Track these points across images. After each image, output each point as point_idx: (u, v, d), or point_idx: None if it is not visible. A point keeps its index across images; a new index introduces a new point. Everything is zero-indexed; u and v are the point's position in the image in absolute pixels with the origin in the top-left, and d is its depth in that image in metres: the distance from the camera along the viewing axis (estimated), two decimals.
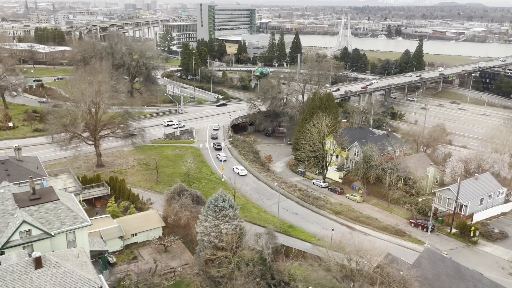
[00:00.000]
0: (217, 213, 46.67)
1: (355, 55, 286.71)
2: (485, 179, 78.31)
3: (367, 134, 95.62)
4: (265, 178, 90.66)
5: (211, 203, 47.51)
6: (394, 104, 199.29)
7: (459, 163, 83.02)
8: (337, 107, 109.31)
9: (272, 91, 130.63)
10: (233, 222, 46.86)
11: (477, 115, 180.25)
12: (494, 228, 71.13)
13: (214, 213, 46.62)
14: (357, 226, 72.89)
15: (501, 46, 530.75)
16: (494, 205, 78.56)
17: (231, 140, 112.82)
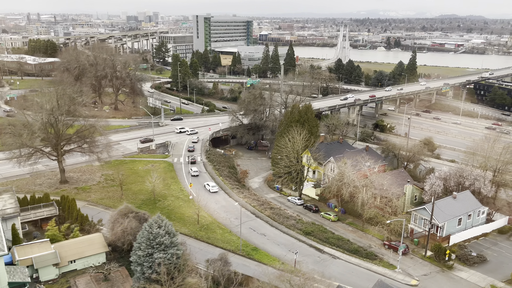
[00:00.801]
0: (151, 240, 42.56)
1: (349, 67, 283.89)
2: (464, 198, 73.97)
3: (344, 149, 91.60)
4: (236, 195, 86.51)
5: (145, 229, 43.45)
6: (385, 116, 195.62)
7: (438, 181, 78.68)
8: (316, 120, 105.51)
9: (254, 103, 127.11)
10: (169, 250, 42.68)
11: (468, 128, 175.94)
12: (471, 251, 66.51)
13: (148, 241, 42.51)
14: (326, 248, 68.39)
15: (500, 58, 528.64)
16: (474, 226, 74.09)
17: (207, 154, 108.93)
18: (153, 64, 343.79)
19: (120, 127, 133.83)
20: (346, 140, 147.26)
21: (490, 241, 71.35)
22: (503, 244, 70.44)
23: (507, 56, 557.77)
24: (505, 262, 64.72)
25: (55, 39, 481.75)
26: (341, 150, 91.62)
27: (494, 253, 67.43)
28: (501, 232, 74.05)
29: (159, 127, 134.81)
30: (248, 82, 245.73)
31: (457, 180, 78.86)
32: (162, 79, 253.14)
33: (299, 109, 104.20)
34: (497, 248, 68.99)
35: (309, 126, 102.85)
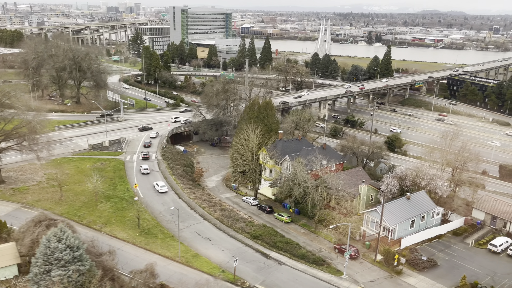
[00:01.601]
0: (48, 256, 38.09)
1: (325, 61, 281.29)
2: (418, 199, 71.28)
3: (302, 147, 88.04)
4: (187, 196, 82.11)
5: (43, 243, 38.92)
6: (358, 111, 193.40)
7: (394, 180, 75.90)
8: (276, 116, 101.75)
9: (217, 98, 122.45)
10: (71, 266, 38.25)
11: (438, 123, 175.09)
12: (422, 255, 63.87)
13: (46, 256, 38.03)
14: (273, 254, 64.80)
15: (478, 54, 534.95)
16: (429, 227, 71.58)
17: (163, 151, 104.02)
18: (127, 56, 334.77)
19: (76, 122, 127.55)
20: (314, 137, 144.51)
21: (443, 244, 68.94)
22: (456, 246, 68.10)
23: (485, 52, 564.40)
24: (456, 267, 62.30)
25: (28, 30, 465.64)
26: (298, 148, 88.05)
27: (446, 257, 64.99)
28: (456, 234, 71.76)
29: (118, 122, 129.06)
30: (221, 75, 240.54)
31: (413, 180, 76.16)
32: (132, 72, 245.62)
33: (259, 105, 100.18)
34: (450, 251, 66.58)
35: (269, 122, 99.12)
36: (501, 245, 66.33)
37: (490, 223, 74.11)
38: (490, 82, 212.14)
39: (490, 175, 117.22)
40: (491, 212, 73.51)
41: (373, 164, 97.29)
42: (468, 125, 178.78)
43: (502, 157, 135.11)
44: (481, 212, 74.93)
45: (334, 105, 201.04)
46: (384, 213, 65.33)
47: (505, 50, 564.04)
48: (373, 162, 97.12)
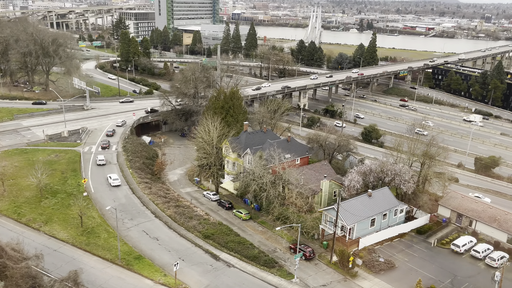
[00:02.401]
0: None
1: (311, 49, 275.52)
2: (381, 195, 67.64)
3: (266, 139, 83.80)
4: (141, 191, 77.72)
5: None
6: (339, 101, 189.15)
7: (357, 176, 72.13)
8: (244, 106, 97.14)
9: (186, 86, 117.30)
10: None
11: (420, 114, 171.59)
12: (380, 257, 60.50)
13: None
14: (223, 255, 60.95)
15: (469, 42, 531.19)
16: (392, 225, 68.18)
17: (125, 142, 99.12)
18: (109, 41, 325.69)
19: (39, 110, 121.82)
20: (289, 127, 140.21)
21: (405, 243, 65.61)
22: (418, 246, 64.82)
23: (476, 40, 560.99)
24: (415, 269, 59.01)
25: (12, 13, 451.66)
26: (262, 141, 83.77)
27: (406, 258, 61.69)
28: (419, 232, 68.44)
29: (84, 111, 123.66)
30: (203, 61, 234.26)
31: (377, 175, 72.42)
32: (111, 58, 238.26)
33: (225, 95, 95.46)
34: (411, 252, 63.30)
35: (235, 113, 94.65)
36: (464, 245, 63.16)
37: (456, 221, 70.93)
38: (475, 72, 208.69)
39: (466, 167, 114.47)
40: (456, 209, 70.25)
41: (341, 157, 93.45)
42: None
43: (480, 148, 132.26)
44: (447, 209, 71.64)
45: (315, 94, 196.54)
46: (342, 211, 61.66)
47: (496, 39, 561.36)
48: (341, 155, 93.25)
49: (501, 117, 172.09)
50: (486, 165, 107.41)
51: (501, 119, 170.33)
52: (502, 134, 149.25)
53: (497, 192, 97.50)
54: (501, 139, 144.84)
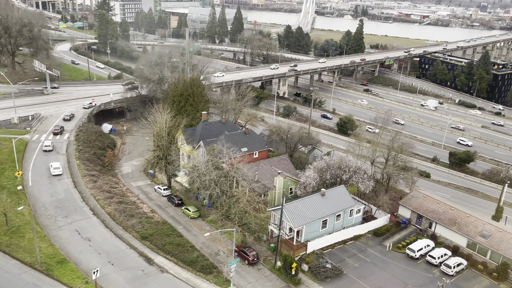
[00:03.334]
0: None
1: (298, 35, 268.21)
2: (335, 195, 62.93)
3: (223, 131, 78.59)
4: (84, 185, 72.45)
5: None
6: (323, 89, 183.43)
7: (313, 173, 67.34)
8: (205, 95, 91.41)
9: (150, 71, 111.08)
10: None
11: (401, 105, 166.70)
12: (327, 262, 56.12)
13: None
14: (159, 258, 56.26)
15: (463, 31, 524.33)
16: (347, 227, 63.76)
17: (79, 130, 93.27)
18: (92, 23, 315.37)
19: None
20: (263, 117, 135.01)
21: (359, 247, 61.28)
22: (372, 250, 60.55)
23: (470, 29, 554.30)
24: (364, 276, 54.79)
25: None
26: (220, 132, 78.57)
27: (357, 263, 57.41)
28: (376, 234, 64.11)
29: (43, 96, 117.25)
30: (185, 46, 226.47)
31: (334, 173, 67.64)
32: (89, 40, 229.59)
33: (184, 82, 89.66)
34: (363, 256, 59.03)
35: (194, 101, 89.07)
36: (420, 250, 58.96)
37: (416, 223, 66.64)
38: (462, 62, 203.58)
39: (441, 162, 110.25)
40: (417, 210, 65.88)
41: (307, 151, 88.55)
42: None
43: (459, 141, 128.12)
44: (408, 209, 67.27)
45: (297, 81, 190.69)
46: (289, 212, 57.03)
47: (490, 28, 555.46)
48: (306, 148, 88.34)
49: (484, 109, 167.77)
50: (460, 160, 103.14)
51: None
52: (483, 127, 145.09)
53: (469, 189, 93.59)
54: (481, 131, 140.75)
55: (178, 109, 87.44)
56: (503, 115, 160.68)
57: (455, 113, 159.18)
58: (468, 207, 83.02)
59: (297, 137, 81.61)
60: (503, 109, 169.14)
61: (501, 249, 56.45)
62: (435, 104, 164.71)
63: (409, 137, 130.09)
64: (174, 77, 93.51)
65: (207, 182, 63.04)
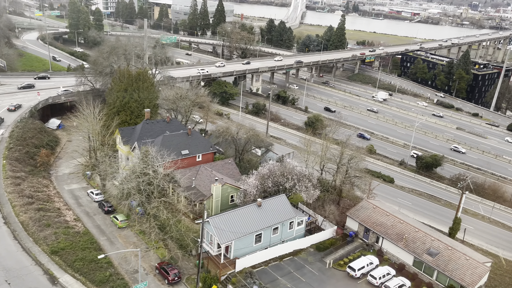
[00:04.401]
0: None
1: (280, 29, 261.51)
2: (274, 205, 57.12)
3: (165, 131, 72.26)
4: (4, 188, 65.54)
5: None
6: (300, 86, 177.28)
7: (255, 180, 61.40)
8: (153, 89, 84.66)
9: (101, 64, 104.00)
10: None
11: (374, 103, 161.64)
12: (255, 282, 50.33)
13: None
14: (65, 277, 49.90)
15: (453, 29, 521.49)
16: (286, 240, 58.07)
17: (16, 126, 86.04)
18: None
19: None
20: (228, 114, 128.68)
21: (297, 263, 55.57)
22: (311, 267, 54.88)
23: (460, 28, 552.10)
24: None
25: None
26: (160, 132, 72.22)
27: (290, 283, 51.65)
28: (319, 249, 58.49)
29: None
30: (161, 38, 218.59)
31: (277, 180, 61.73)
32: (60, 29, 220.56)
33: (129, 75, 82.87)
34: (299, 275, 53.35)
35: (139, 97, 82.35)
36: (361, 268, 53.49)
37: (363, 236, 61.21)
38: (443, 60, 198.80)
39: (410, 165, 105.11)
40: (364, 223, 60.39)
41: (260, 153, 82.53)
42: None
43: (432, 144, 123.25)
44: (355, 221, 61.77)
45: (273, 77, 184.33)
46: (216, 226, 51.12)
47: (480, 27, 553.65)
48: (260, 150, 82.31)
49: (462, 109, 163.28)
50: (427, 165, 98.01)
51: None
52: (458, 129, 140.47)
53: (432, 196, 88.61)
54: (456, 133, 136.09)
55: (122, 106, 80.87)
56: (480, 116, 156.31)
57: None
58: (429, 216, 78.29)
59: (245, 139, 75.21)
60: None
61: (448, 270, 51.22)
62: (384, 96, 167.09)
63: (381, 138, 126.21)
64: (120, 70, 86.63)
65: (130, 189, 56.76)
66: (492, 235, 75.73)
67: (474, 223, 79.35)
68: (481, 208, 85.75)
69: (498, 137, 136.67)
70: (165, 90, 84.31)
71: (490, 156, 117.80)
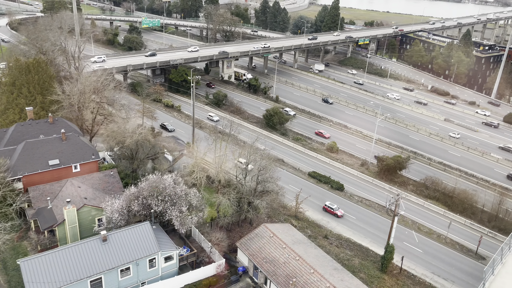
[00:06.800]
0: None
1: (274, 10, 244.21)
2: (128, 238, 44.49)
3: (39, 135, 60.26)
4: None
5: None
6: (282, 72, 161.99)
7: (121, 202, 48.59)
8: (51, 83, 72.22)
9: (24, 49, 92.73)
10: None
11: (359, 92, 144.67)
12: None
13: None
14: None
15: (476, 7, 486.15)
16: (149, 282, 45.50)
17: None
18: None
19: None
20: (179, 106, 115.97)
21: None
22: None
23: (484, 6, 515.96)
24: None
25: None
26: (32, 136, 60.34)
27: None
28: None
29: None
30: (143, 22, 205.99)
31: (146, 202, 48.65)
32: (38, 14, 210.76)
33: (19, 66, 70.79)
34: None
35: (30, 93, 70.40)
36: None
37: (253, 274, 47.98)
38: (444, 42, 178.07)
39: (371, 167, 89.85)
40: (253, 257, 47.07)
41: (172, 158, 69.31)
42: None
43: (412, 139, 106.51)
44: (245, 255, 48.51)
45: (251, 63, 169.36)
46: (29, 272, 39.07)
47: (505, 5, 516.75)
48: (172, 155, 69.14)
49: (458, 97, 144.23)
50: (388, 168, 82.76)
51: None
52: (446, 120, 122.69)
53: (383, 207, 73.66)
54: (442, 126, 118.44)
55: (9, 102, 69.37)
56: (477, 105, 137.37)
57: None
58: (372, 236, 64.28)
59: (138, 145, 61.69)
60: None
61: None
62: (321, 67, 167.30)
63: (342, 127, 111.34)
64: (11, 60, 74.43)
65: None
66: (443, 262, 60.93)
67: (426, 244, 64.56)
68: (440, 223, 70.43)
69: (492, 130, 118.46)
70: (71, 85, 71.64)
71: (475, 154, 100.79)
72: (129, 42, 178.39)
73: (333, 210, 70.27)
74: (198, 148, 64.74)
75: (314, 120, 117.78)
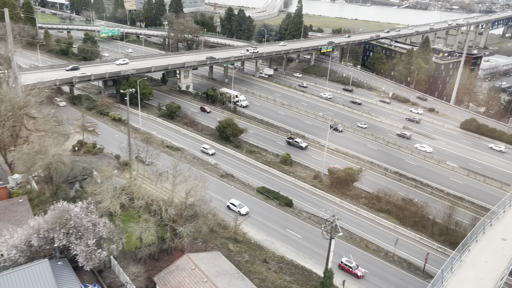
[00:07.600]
0: None
1: (239, 18, 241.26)
2: (20, 279, 38.66)
3: None
4: None
5: None
6: (242, 81, 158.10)
7: (20, 235, 42.67)
8: None
9: None
10: None
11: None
12: None
13: None
14: None
15: (442, 14, 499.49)
16: None
17: None
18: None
19: None
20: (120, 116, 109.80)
21: None
22: None
23: (449, 13, 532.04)
24: None
25: None
26: None
27: None
28: None
29: None
30: (101, 31, 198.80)
31: (48, 236, 42.64)
32: None
33: None
34: None
35: None
36: None
37: None
38: (405, 49, 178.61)
39: (324, 179, 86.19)
40: None
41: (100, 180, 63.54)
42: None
43: (369, 148, 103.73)
44: None
45: (212, 72, 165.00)
46: None
47: (469, 12, 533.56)
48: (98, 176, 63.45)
49: (418, 104, 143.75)
50: (339, 181, 79.33)
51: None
52: (404, 128, 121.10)
53: None
54: None
55: None
56: (436, 111, 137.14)
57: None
58: (317, 256, 60.01)
59: (51, 168, 55.39)
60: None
61: None
62: (271, 72, 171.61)
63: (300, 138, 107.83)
64: None
65: None
66: (389, 282, 57.34)
67: (372, 263, 60.95)
68: (389, 239, 67.08)
69: (450, 137, 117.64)
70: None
71: (431, 162, 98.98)
72: (83, 52, 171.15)
73: (351, 269, 58.16)
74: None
75: (271, 131, 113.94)
